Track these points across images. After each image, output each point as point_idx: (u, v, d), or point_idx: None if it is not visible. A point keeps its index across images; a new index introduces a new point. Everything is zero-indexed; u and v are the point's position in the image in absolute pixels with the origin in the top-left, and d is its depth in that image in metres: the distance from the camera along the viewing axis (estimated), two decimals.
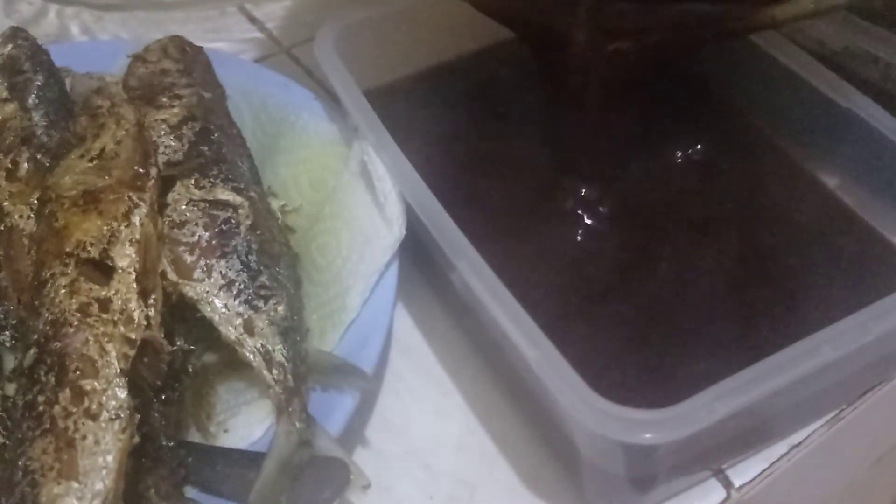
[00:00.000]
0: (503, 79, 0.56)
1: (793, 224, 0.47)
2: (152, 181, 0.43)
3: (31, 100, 0.48)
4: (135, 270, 0.40)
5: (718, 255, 0.45)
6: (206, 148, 0.47)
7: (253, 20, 0.69)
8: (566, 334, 0.38)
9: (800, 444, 0.43)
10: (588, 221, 0.47)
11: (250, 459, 0.39)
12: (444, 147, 0.52)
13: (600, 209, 0.48)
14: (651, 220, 0.47)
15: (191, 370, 0.42)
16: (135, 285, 0.40)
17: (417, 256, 0.47)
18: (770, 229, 0.47)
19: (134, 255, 0.40)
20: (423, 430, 0.45)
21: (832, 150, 0.48)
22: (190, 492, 0.39)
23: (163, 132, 0.47)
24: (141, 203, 0.42)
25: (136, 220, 0.41)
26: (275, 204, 0.48)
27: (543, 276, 0.44)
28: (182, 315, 0.42)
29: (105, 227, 0.41)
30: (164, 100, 0.49)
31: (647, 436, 0.33)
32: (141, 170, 0.43)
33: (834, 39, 0.50)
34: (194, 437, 0.41)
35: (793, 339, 0.36)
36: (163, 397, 0.40)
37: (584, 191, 0.48)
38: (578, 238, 0.47)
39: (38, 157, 0.46)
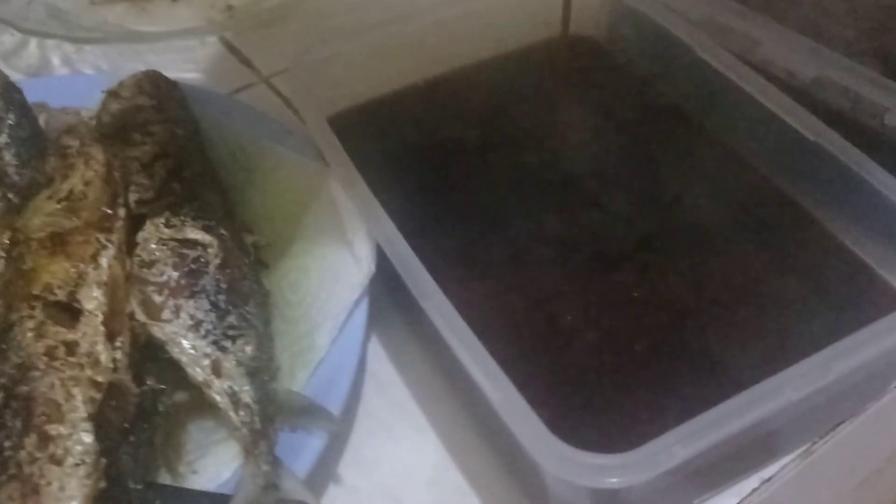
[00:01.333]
0: (476, 109, 0.56)
1: (760, 258, 0.47)
2: (120, 222, 0.43)
3: (3, 139, 0.48)
4: (102, 313, 0.40)
5: (683, 295, 0.45)
6: (177, 185, 0.47)
7: (233, 50, 0.70)
8: (530, 374, 0.38)
9: (771, 478, 0.43)
10: (555, 260, 0.47)
11: (218, 502, 0.39)
12: (415, 180, 0.51)
13: (568, 247, 0.48)
14: (618, 262, 0.47)
15: (161, 409, 0.42)
16: (102, 328, 0.40)
17: (391, 290, 0.47)
18: (735, 264, 0.47)
19: (101, 298, 0.40)
20: (396, 465, 0.45)
21: (802, 183, 0.48)
22: None
23: (135, 170, 0.47)
24: (109, 244, 0.42)
25: (103, 261, 0.41)
26: (248, 240, 0.48)
27: (510, 315, 0.44)
28: (153, 354, 0.42)
29: (72, 270, 0.41)
30: (137, 136, 0.49)
31: (611, 480, 0.33)
32: (109, 211, 0.43)
33: (804, 70, 0.51)
34: (164, 477, 0.41)
35: (758, 377, 0.36)
36: (131, 439, 0.40)
37: (553, 227, 0.48)
38: (544, 278, 0.46)
39: (10, 196, 0.47)
